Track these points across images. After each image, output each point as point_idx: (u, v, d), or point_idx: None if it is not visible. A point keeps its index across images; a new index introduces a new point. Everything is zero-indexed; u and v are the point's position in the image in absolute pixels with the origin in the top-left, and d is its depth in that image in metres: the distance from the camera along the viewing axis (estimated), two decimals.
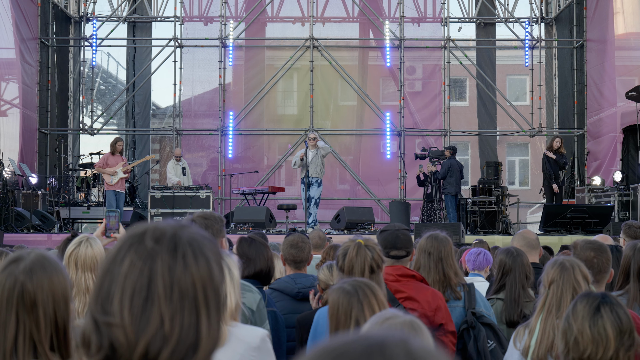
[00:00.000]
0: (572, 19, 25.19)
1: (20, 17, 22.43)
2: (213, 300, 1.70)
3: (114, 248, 1.72)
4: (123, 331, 1.63)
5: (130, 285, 1.66)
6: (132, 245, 1.69)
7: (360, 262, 4.32)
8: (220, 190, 23.93)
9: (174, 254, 1.67)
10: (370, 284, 3.63)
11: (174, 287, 1.66)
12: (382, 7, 25.74)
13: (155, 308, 1.64)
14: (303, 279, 6.01)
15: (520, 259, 5.87)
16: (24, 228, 18.31)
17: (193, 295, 1.67)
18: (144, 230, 1.71)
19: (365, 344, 1.29)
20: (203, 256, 1.70)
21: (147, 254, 1.67)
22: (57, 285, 2.68)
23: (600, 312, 3.26)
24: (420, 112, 25.20)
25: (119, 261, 1.69)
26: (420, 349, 1.31)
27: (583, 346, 3.23)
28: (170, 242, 1.69)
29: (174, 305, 1.65)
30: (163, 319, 1.64)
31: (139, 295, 1.65)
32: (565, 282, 4.11)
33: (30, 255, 2.72)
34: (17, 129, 22.17)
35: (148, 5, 26.41)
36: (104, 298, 1.67)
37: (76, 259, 4.81)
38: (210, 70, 25.18)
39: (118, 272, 1.67)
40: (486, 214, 20.67)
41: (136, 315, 1.64)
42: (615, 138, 21.60)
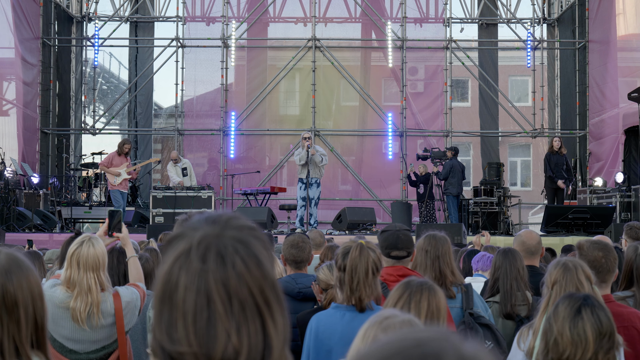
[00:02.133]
0: (574, 20, 25.17)
1: (22, 17, 22.44)
2: (272, 297, 1.70)
3: (163, 270, 1.71)
4: (194, 357, 1.64)
5: (190, 308, 1.65)
6: (182, 267, 1.68)
7: (363, 262, 4.33)
8: (222, 191, 23.93)
9: (224, 267, 1.66)
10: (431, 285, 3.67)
11: (233, 299, 1.65)
12: (384, 8, 25.72)
13: (220, 325, 1.64)
14: (304, 278, 6.01)
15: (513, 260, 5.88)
16: (25, 228, 18.32)
17: (252, 301, 1.66)
18: (188, 247, 1.69)
19: (421, 352, 1.29)
20: (252, 257, 1.69)
21: (199, 274, 1.66)
22: (34, 284, 2.66)
23: (580, 313, 3.26)
24: (422, 112, 25.19)
25: (174, 286, 1.67)
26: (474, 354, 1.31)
27: (562, 347, 3.23)
28: (217, 256, 1.67)
29: (237, 317, 1.65)
30: (229, 334, 1.63)
31: (201, 316, 1.64)
32: (569, 283, 4.11)
33: (2, 256, 2.68)
34: (18, 128, 22.17)
35: (150, 5, 26.42)
36: (167, 326, 1.66)
37: (78, 259, 4.83)
38: (213, 71, 25.17)
39: (176, 298, 1.66)
40: (488, 215, 20.65)
41: (202, 337, 1.63)
42: (617, 139, 21.59)
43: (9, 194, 18.43)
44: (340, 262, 4.39)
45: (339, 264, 4.40)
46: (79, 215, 22.16)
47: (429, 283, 3.65)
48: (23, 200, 19.60)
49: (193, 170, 20.99)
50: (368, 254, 4.34)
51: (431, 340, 1.31)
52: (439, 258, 5.31)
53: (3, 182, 18.47)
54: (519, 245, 6.47)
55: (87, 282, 4.81)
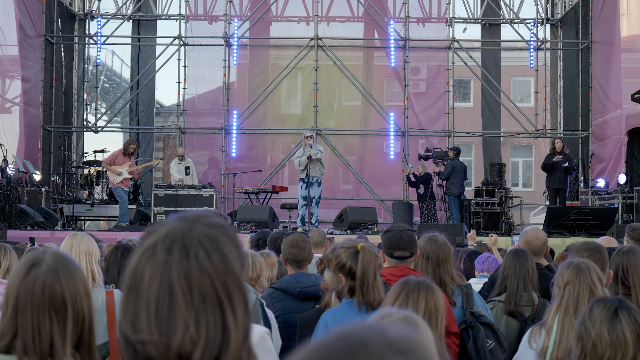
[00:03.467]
0: (578, 20, 25.15)
1: (25, 15, 22.44)
2: (235, 292, 1.72)
3: (131, 263, 1.75)
4: (154, 346, 1.67)
5: (153, 299, 1.69)
6: (148, 259, 1.72)
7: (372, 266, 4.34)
8: (223, 189, 23.92)
9: (187, 259, 1.69)
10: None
11: (194, 291, 1.68)
12: (387, 7, 25.70)
13: (179, 315, 1.67)
14: (305, 278, 6.00)
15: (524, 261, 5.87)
16: (27, 225, 18.31)
17: (214, 294, 1.69)
18: (155, 241, 1.73)
19: (346, 343, 1.29)
20: (217, 251, 1.72)
21: (163, 266, 1.70)
22: (79, 282, 2.71)
23: (618, 316, 3.25)
24: (424, 112, 25.17)
25: (139, 277, 1.71)
26: (400, 337, 1.31)
27: (601, 350, 3.22)
28: (182, 249, 1.70)
29: (196, 309, 1.67)
30: (187, 325, 1.66)
31: (162, 307, 1.68)
32: (582, 284, 4.11)
33: (47, 255, 2.72)
34: (21, 126, 22.18)
35: (153, 4, 26.41)
36: (132, 316, 1.70)
37: (71, 244, 4.98)
38: (215, 69, 25.16)
39: (140, 288, 1.71)
40: (489, 215, 20.65)
41: (163, 327, 1.67)
42: (620, 140, 21.56)
43: (11, 191, 18.42)
44: (348, 264, 4.37)
45: (347, 265, 4.38)
46: (80, 212, 22.18)
47: (427, 282, 3.65)
48: (25, 198, 19.59)
49: (195, 170, 20.98)
50: (375, 257, 4.36)
51: (357, 330, 1.32)
52: (440, 266, 5.31)
53: (5, 180, 18.47)
54: (525, 244, 6.44)
55: (79, 263, 4.85)
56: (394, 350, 1.28)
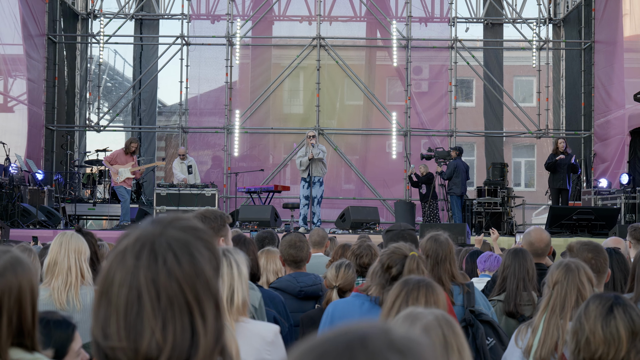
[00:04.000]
0: (581, 20, 25.13)
1: (28, 14, 22.46)
2: (205, 295, 1.70)
3: (103, 268, 1.74)
4: (123, 352, 1.66)
5: (122, 304, 1.68)
6: (118, 264, 1.71)
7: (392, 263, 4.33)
8: (225, 189, 23.92)
9: (155, 263, 1.68)
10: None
11: (161, 295, 1.67)
12: (389, 7, 25.70)
13: (146, 321, 1.65)
14: (305, 277, 6.02)
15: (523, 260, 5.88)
16: (29, 224, 18.34)
17: (182, 298, 1.67)
18: (125, 247, 1.72)
19: (346, 339, 1.29)
20: (186, 254, 1.70)
21: (131, 271, 1.69)
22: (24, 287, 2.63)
23: (613, 312, 3.24)
24: (426, 112, 25.17)
25: (110, 282, 1.71)
26: (402, 338, 1.31)
27: (594, 346, 3.22)
28: (150, 253, 1.69)
29: (164, 314, 1.66)
30: (154, 331, 1.65)
31: (131, 312, 1.67)
32: (570, 283, 4.10)
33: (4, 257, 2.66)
34: (24, 125, 22.20)
35: (155, 3, 26.43)
36: (102, 322, 1.70)
37: (61, 242, 5.00)
38: (217, 69, 25.17)
39: (111, 294, 1.70)
40: (491, 215, 20.64)
41: (131, 332, 1.66)
42: (622, 140, 21.54)
43: (13, 190, 18.44)
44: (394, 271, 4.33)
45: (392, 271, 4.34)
46: (82, 212, 22.20)
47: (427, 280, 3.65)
48: (27, 197, 19.62)
49: (197, 169, 20.96)
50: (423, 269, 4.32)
51: (359, 327, 1.32)
52: (438, 264, 5.31)
53: (8, 179, 18.49)
54: (527, 245, 6.43)
55: (68, 262, 4.92)
56: (393, 350, 1.28)
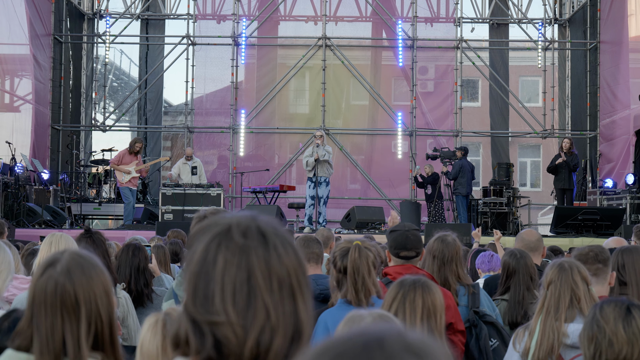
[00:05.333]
0: (586, 20, 25.10)
1: (34, 14, 22.49)
2: (305, 285, 1.76)
3: (197, 248, 1.75)
4: (231, 328, 1.68)
5: (230, 282, 1.70)
6: (220, 243, 1.73)
7: (364, 263, 4.36)
8: (231, 189, 23.93)
9: (266, 247, 1.72)
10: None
11: (273, 278, 1.71)
12: (395, 7, 25.69)
13: (260, 301, 1.69)
14: (324, 280, 6.03)
15: (524, 261, 5.91)
16: (35, 223, 18.36)
17: (289, 283, 1.72)
18: (228, 226, 1.75)
19: (364, 340, 1.31)
20: (290, 245, 1.76)
21: (240, 250, 1.71)
22: (96, 282, 2.71)
23: (632, 313, 3.27)
24: (432, 112, 25.16)
25: (212, 261, 1.72)
26: (418, 341, 1.33)
27: (618, 347, 3.23)
28: (260, 236, 1.73)
29: (275, 296, 1.70)
30: (268, 310, 1.69)
31: (241, 290, 1.69)
32: (564, 283, 4.11)
33: (65, 255, 2.75)
34: (29, 124, 22.23)
35: (161, 3, 26.45)
36: (202, 299, 1.71)
37: (51, 241, 5.07)
38: (223, 68, 25.19)
39: (214, 272, 1.71)
40: (497, 215, 20.62)
41: (242, 311, 1.68)
42: (628, 140, 21.52)
43: (19, 189, 18.48)
44: (339, 264, 4.41)
45: (337, 265, 4.42)
46: (88, 211, 22.23)
47: (423, 280, 3.66)
48: (33, 196, 19.64)
49: (203, 170, 20.90)
50: (367, 254, 4.37)
51: (376, 330, 1.34)
52: (445, 265, 5.33)
53: (13, 178, 18.52)
54: (519, 242, 6.51)
55: None
56: (410, 352, 1.29)
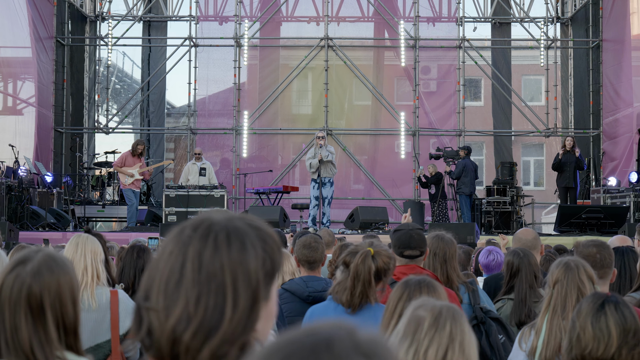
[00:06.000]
0: (588, 19, 25.09)
1: (36, 16, 22.51)
2: (243, 286, 1.73)
3: (162, 244, 1.82)
4: (156, 314, 1.71)
5: (166, 271, 1.74)
6: (174, 237, 1.78)
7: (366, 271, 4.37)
8: (234, 190, 23.94)
9: (205, 239, 1.74)
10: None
11: (202, 270, 1.72)
12: (397, 7, 25.69)
13: (183, 290, 1.71)
14: (315, 282, 6.01)
15: (527, 259, 5.90)
16: (39, 226, 18.38)
17: (221, 280, 1.72)
18: (188, 222, 1.80)
19: (312, 341, 1.29)
20: (238, 242, 1.75)
21: (183, 242, 1.75)
22: (64, 285, 2.67)
23: (604, 309, 3.25)
24: (435, 112, 25.15)
25: (163, 250, 1.78)
26: (368, 339, 1.31)
27: (585, 342, 3.22)
28: (205, 229, 1.75)
29: (200, 288, 1.71)
30: (188, 300, 1.70)
31: (172, 279, 1.72)
32: (570, 282, 4.09)
33: (38, 255, 2.71)
34: (32, 127, 22.23)
35: (163, 5, 26.46)
36: (147, 286, 1.76)
37: (77, 242, 5.03)
38: (225, 70, 25.20)
39: (161, 260, 1.77)
40: (501, 215, 20.61)
41: (168, 299, 1.71)
42: (631, 139, 21.50)
43: (22, 192, 18.49)
44: (348, 260, 4.42)
45: (346, 260, 4.43)
46: (92, 214, 22.24)
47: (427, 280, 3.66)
48: (37, 199, 19.66)
49: (213, 172, 20.80)
50: (370, 264, 4.36)
51: (325, 329, 1.32)
52: (447, 262, 5.35)
53: (17, 181, 18.54)
54: (517, 242, 6.53)
55: (84, 262, 4.95)
56: (359, 352, 1.28)
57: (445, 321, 2.66)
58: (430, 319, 2.68)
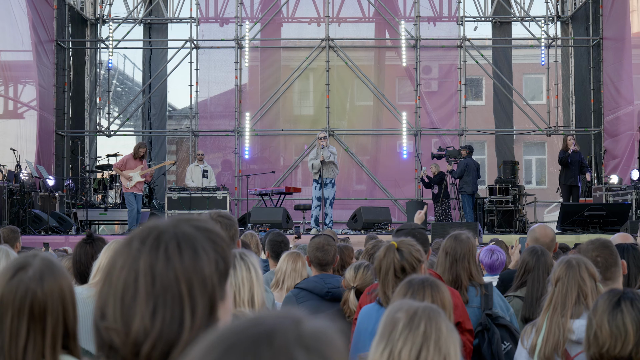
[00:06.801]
0: (588, 17, 25.09)
1: (36, 19, 22.51)
2: (200, 293, 1.71)
3: (111, 256, 1.77)
4: (116, 332, 1.69)
5: (120, 286, 1.70)
6: (123, 250, 1.74)
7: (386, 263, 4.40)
8: (237, 191, 23.94)
9: (156, 250, 1.71)
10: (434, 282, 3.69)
11: (156, 282, 1.68)
12: (397, 7, 25.69)
13: (139, 305, 1.68)
14: (332, 279, 6.08)
15: (543, 259, 5.88)
16: (41, 230, 18.37)
17: (177, 289, 1.69)
18: (133, 234, 1.76)
19: (254, 333, 1.27)
20: (190, 249, 1.72)
21: (133, 255, 1.71)
22: (65, 290, 2.66)
23: (620, 306, 3.24)
24: (436, 111, 25.15)
25: (113, 265, 1.74)
26: (313, 331, 1.29)
27: (602, 340, 3.22)
28: (154, 240, 1.72)
29: (156, 301, 1.68)
30: (143, 315, 1.67)
31: (127, 295, 1.69)
32: (571, 280, 4.10)
33: (36, 260, 2.68)
34: (34, 131, 22.24)
35: (164, 7, 26.46)
36: (102, 304, 1.73)
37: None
38: (226, 71, 25.20)
39: (112, 276, 1.73)
40: (503, 213, 20.60)
41: (124, 315, 1.68)
42: (632, 136, 21.50)
43: (24, 196, 18.50)
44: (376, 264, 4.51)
45: (375, 265, 4.51)
46: (94, 217, 22.22)
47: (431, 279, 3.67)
48: (39, 203, 19.66)
49: (214, 174, 20.88)
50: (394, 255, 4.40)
51: (268, 319, 1.30)
52: (457, 262, 5.34)
53: (19, 185, 18.54)
54: (533, 241, 6.46)
55: None
56: (301, 345, 1.26)
57: (419, 321, 2.67)
58: (405, 319, 2.68)
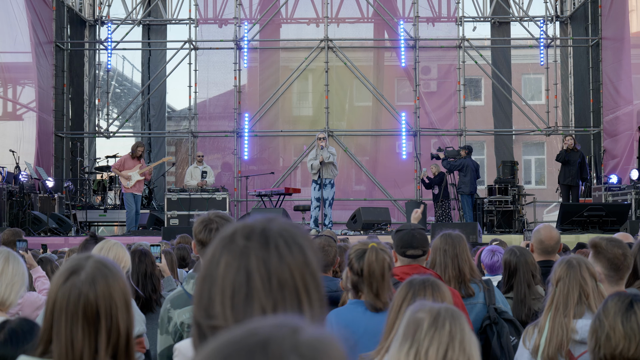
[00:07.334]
0: (587, 17, 25.09)
1: (35, 21, 22.50)
2: (313, 286, 1.72)
3: (207, 253, 1.76)
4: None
5: (229, 285, 1.69)
6: (224, 247, 1.73)
7: (379, 265, 4.36)
8: (236, 192, 23.94)
9: (267, 247, 1.70)
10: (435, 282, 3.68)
11: (272, 279, 1.68)
12: (396, 8, 25.68)
13: (256, 302, 1.67)
14: (330, 282, 6.04)
15: (523, 258, 5.92)
16: (40, 232, 18.37)
17: (293, 284, 1.69)
18: (234, 230, 1.75)
19: (250, 343, 1.27)
20: (296, 244, 1.73)
21: (241, 252, 1.70)
22: (117, 292, 2.66)
23: (633, 308, 3.23)
24: (435, 112, 25.15)
25: (215, 264, 1.72)
26: (310, 340, 1.29)
27: (615, 342, 3.20)
28: (261, 237, 1.72)
29: (275, 296, 1.67)
30: (265, 311, 1.66)
31: (239, 293, 1.68)
32: (572, 280, 4.10)
33: (89, 263, 2.70)
34: (33, 132, 22.23)
35: (163, 8, 26.45)
36: (206, 303, 1.71)
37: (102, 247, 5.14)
38: (225, 72, 25.19)
39: (216, 275, 1.71)
40: (502, 214, 20.60)
41: (239, 313, 1.67)
42: (632, 136, 21.50)
43: (24, 198, 18.49)
44: (356, 266, 4.40)
45: (354, 268, 4.41)
46: (94, 218, 22.23)
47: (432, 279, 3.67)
48: (38, 204, 19.65)
49: (213, 175, 20.88)
50: (383, 256, 4.37)
51: (267, 328, 1.30)
52: (457, 257, 5.35)
53: (18, 186, 18.54)
54: (537, 243, 6.40)
55: None
56: (297, 354, 1.26)
57: (444, 320, 2.66)
58: (429, 319, 2.68)
